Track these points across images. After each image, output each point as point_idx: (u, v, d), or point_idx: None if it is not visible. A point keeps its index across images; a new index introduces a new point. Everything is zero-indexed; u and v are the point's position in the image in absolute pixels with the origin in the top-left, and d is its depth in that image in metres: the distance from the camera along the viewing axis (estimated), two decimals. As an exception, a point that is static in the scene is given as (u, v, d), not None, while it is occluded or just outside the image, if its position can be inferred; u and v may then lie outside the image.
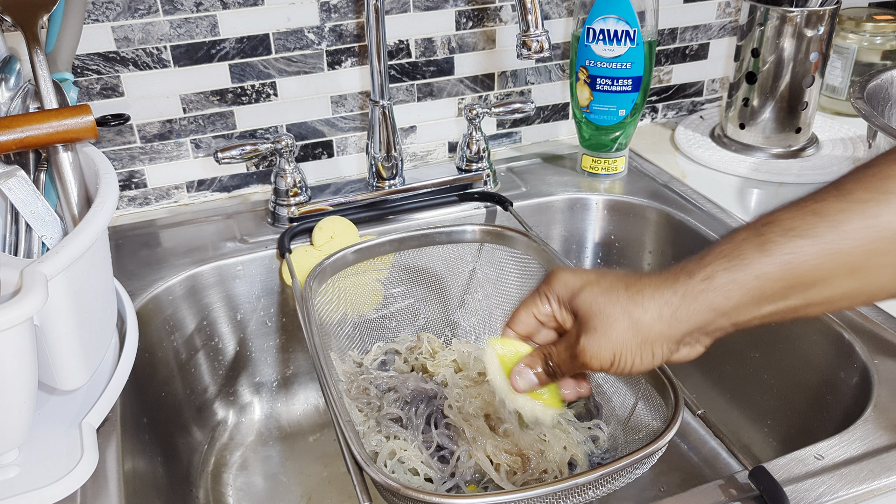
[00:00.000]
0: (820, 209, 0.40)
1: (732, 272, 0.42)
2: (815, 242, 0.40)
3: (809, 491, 0.49)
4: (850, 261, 0.40)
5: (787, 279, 0.41)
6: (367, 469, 0.49)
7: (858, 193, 0.39)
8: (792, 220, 0.40)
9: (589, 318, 0.46)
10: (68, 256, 0.46)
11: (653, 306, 0.44)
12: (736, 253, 0.42)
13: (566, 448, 0.61)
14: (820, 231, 0.40)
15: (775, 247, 0.40)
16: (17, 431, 0.47)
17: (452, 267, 0.78)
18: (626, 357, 0.45)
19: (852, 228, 0.39)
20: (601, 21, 0.83)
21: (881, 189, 0.39)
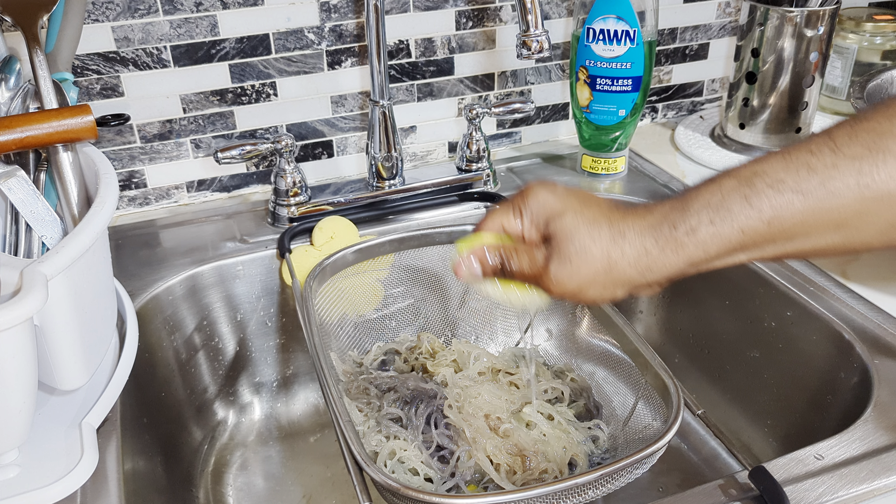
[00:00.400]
0: (812, 163, 0.39)
1: (717, 225, 0.41)
2: (805, 198, 0.39)
3: (809, 491, 0.49)
4: (837, 217, 0.39)
5: (771, 233, 0.40)
6: (367, 469, 0.49)
7: (852, 149, 0.38)
8: (783, 173, 0.39)
9: (565, 246, 0.44)
10: (68, 256, 0.46)
11: (631, 252, 0.43)
12: (722, 204, 0.41)
13: (566, 448, 0.61)
14: (810, 187, 0.39)
15: (763, 200, 0.40)
16: (17, 431, 0.47)
17: (452, 267, 0.78)
18: (589, 292, 0.44)
19: (844, 186, 0.38)
20: (601, 21, 0.83)
21: (875, 146, 0.38)
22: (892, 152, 0.38)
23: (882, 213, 0.39)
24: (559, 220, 0.45)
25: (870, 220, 0.39)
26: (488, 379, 0.68)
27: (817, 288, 0.69)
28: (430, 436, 0.61)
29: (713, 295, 0.78)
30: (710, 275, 0.78)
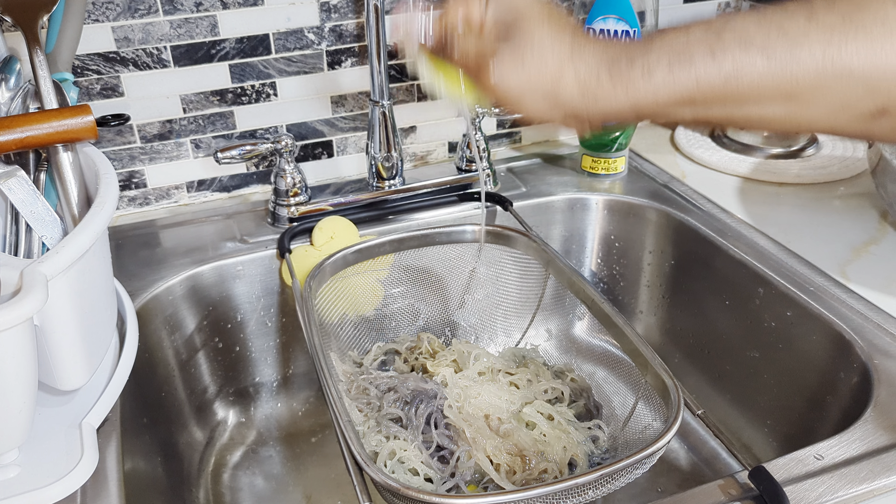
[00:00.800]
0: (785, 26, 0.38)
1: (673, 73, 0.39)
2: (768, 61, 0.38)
3: (809, 491, 0.49)
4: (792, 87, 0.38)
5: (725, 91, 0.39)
6: (367, 469, 0.49)
7: (827, 17, 0.37)
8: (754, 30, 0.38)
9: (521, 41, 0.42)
10: (68, 256, 0.46)
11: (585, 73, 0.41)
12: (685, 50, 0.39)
13: (566, 448, 0.61)
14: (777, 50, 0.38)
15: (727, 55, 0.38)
16: (17, 431, 0.47)
17: (452, 267, 0.78)
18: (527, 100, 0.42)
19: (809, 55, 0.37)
20: (601, 21, 0.83)
21: (850, 18, 0.37)
22: (864, 28, 0.36)
23: (836, 92, 0.38)
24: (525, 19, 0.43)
25: (823, 96, 0.38)
26: (488, 379, 0.68)
27: (817, 288, 0.69)
28: (430, 436, 0.61)
29: (713, 295, 0.78)
30: (710, 275, 0.78)
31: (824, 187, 0.87)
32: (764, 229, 0.78)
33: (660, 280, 0.86)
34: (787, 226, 0.79)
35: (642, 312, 0.89)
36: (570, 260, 0.90)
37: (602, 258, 0.90)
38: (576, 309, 0.80)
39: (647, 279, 0.87)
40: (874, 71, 0.36)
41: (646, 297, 0.88)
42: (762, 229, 0.78)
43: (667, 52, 0.40)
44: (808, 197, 0.85)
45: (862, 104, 0.38)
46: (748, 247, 0.76)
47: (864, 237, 0.76)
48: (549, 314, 0.78)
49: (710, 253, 0.78)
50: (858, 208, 0.82)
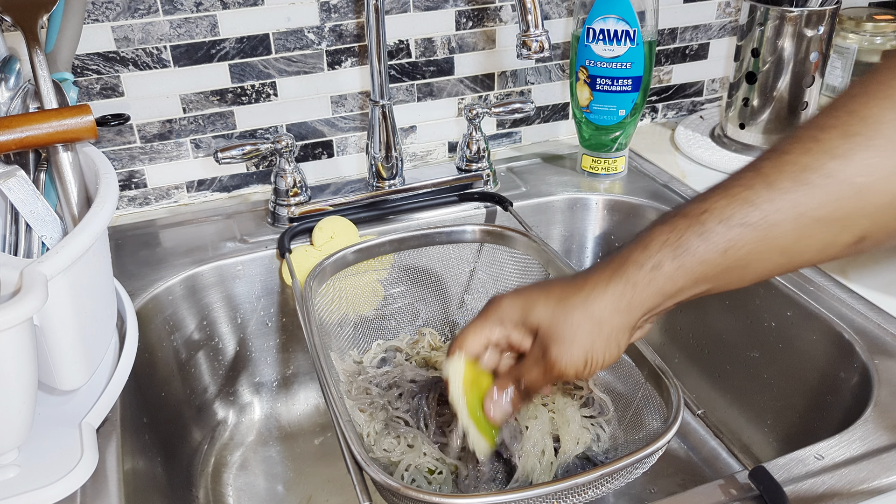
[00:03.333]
0: (751, 198, 0.43)
1: (679, 260, 0.45)
2: (751, 230, 0.43)
3: (809, 491, 0.49)
4: (781, 243, 0.43)
5: (727, 263, 0.44)
6: (367, 469, 0.49)
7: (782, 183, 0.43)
8: (728, 210, 0.44)
9: (553, 329, 0.48)
10: (68, 256, 0.46)
11: (609, 300, 0.47)
12: (680, 243, 0.45)
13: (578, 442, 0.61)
14: (753, 220, 0.43)
15: (716, 236, 0.44)
16: (16, 431, 0.47)
17: (452, 267, 0.78)
18: (597, 356, 0.48)
19: (781, 218, 0.43)
20: (601, 21, 0.83)
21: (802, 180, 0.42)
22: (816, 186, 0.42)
23: (817, 236, 0.43)
24: (534, 311, 0.49)
25: (809, 242, 0.44)
26: None
27: (817, 288, 0.69)
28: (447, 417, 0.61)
29: (713, 295, 0.78)
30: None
31: (824, 187, 0.86)
32: (764, 229, 0.78)
33: (660, 280, 0.86)
34: (787, 226, 0.79)
35: (642, 312, 0.89)
36: (570, 260, 0.90)
37: (602, 258, 0.90)
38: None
39: (647, 279, 0.87)
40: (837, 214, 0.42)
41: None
42: (762, 229, 0.78)
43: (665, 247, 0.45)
44: (808, 197, 0.85)
45: (842, 238, 0.43)
46: (748, 247, 0.76)
47: (864, 237, 0.76)
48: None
49: (710, 253, 0.78)
50: (858, 208, 0.82)
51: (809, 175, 0.42)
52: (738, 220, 0.43)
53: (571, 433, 0.61)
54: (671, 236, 0.45)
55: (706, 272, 0.45)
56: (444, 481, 0.59)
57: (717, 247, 0.44)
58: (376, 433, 0.62)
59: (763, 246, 0.44)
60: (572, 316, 0.47)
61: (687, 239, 0.45)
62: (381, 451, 0.60)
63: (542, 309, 0.49)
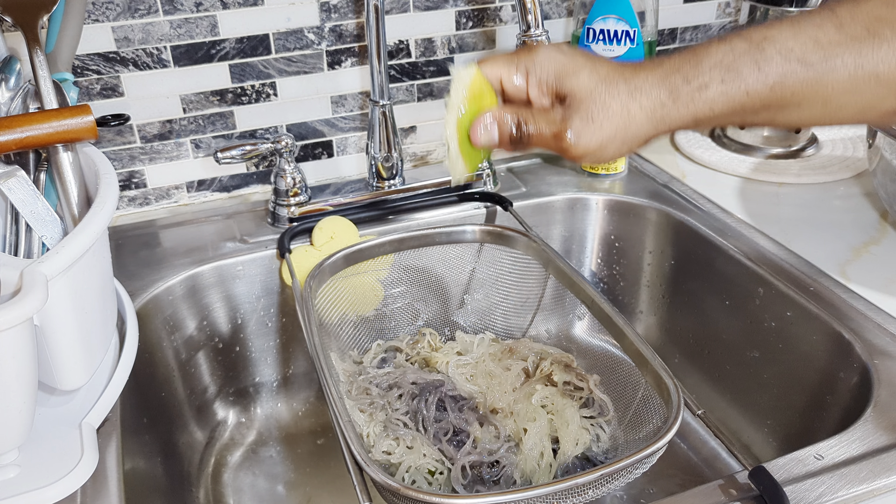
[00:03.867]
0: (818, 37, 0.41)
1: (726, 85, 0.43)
2: (807, 70, 0.42)
3: (809, 491, 0.49)
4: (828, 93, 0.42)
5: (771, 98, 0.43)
6: (367, 469, 0.49)
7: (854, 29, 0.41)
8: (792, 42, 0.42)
9: (585, 104, 0.45)
10: (68, 256, 0.46)
11: (648, 105, 0.45)
12: (733, 65, 0.43)
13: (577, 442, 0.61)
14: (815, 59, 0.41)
15: (771, 65, 0.42)
16: (16, 431, 0.47)
17: (452, 267, 0.78)
18: (609, 148, 0.46)
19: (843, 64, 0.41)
20: (601, 21, 0.83)
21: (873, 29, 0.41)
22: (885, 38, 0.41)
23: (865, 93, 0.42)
24: (574, 77, 0.46)
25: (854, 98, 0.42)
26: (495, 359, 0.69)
27: (817, 288, 0.69)
28: (445, 423, 0.61)
29: (713, 295, 0.78)
30: (710, 275, 0.78)
31: (824, 187, 0.86)
32: (764, 229, 0.78)
33: (660, 280, 0.86)
34: (787, 226, 0.79)
35: (642, 312, 0.89)
36: (570, 260, 0.90)
37: (602, 258, 0.90)
38: (576, 309, 0.80)
39: (647, 279, 0.87)
40: None
41: (646, 297, 0.88)
42: (762, 229, 0.78)
43: (717, 67, 0.43)
44: (808, 197, 0.85)
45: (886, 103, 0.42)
46: (748, 247, 0.76)
47: (864, 237, 0.76)
48: (549, 314, 0.78)
49: (710, 253, 0.78)
50: (858, 208, 0.82)
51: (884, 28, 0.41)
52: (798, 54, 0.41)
53: (570, 434, 0.62)
54: (726, 57, 0.43)
55: (745, 104, 0.43)
56: (444, 482, 0.59)
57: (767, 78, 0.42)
58: (376, 434, 0.62)
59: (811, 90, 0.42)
60: (611, 103, 0.45)
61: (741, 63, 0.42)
62: (381, 453, 0.60)
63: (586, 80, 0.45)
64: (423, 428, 0.62)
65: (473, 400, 0.65)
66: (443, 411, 0.63)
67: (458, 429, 0.61)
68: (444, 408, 0.63)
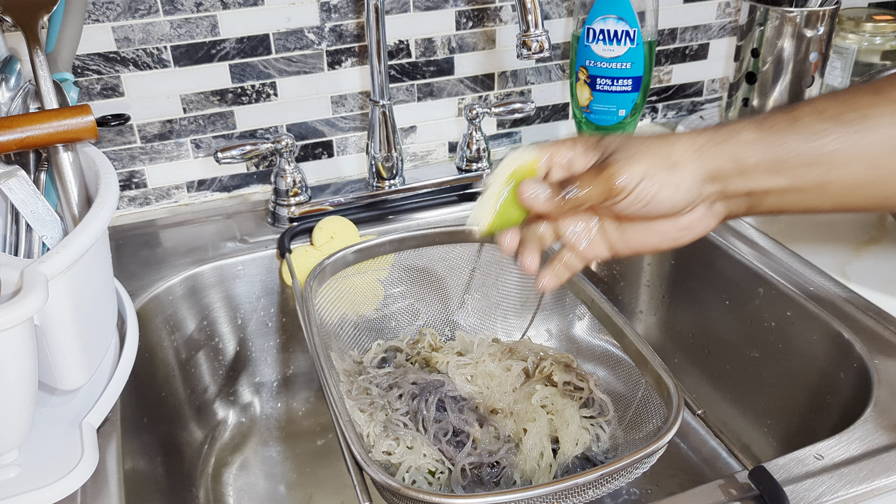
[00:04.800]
0: (853, 100, 0.42)
1: (759, 132, 0.43)
2: (844, 128, 0.41)
3: (809, 491, 0.49)
4: (872, 152, 0.41)
5: (809, 155, 0.42)
6: (367, 469, 0.49)
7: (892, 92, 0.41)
8: (824, 104, 0.42)
9: (622, 146, 0.46)
10: (68, 256, 0.46)
11: (682, 140, 0.45)
12: (766, 121, 0.43)
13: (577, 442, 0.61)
14: (850, 118, 0.41)
15: (804, 123, 0.42)
16: (17, 431, 0.47)
17: (453, 267, 0.78)
18: (655, 180, 0.44)
19: (881, 124, 0.40)
20: (601, 21, 0.83)
21: None
22: None
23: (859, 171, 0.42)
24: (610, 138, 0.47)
25: None
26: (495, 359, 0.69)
27: (817, 288, 0.69)
28: (445, 423, 0.61)
29: (713, 295, 0.78)
30: (710, 275, 0.78)
31: (824, 187, 0.86)
32: (764, 229, 0.78)
33: (660, 280, 0.86)
34: (787, 226, 0.79)
35: (642, 312, 0.89)
36: (570, 260, 0.90)
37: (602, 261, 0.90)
38: (576, 309, 0.80)
39: (647, 279, 0.87)
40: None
41: (646, 297, 0.88)
42: (762, 229, 0.78)
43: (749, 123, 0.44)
44: (808, 197, 0.85)
45: None
46: (748, 247, 0.76)
47: (864, 237, 0.76)
48: (549, 314, 0.78)
49: (710, 253, 0.78)
50: (858, 208, 0.82)
51: None
52: (832, 114, 0.41)
53: (570, 434, 0.62)
54: (757, 118, 0.44)
55: (783, 158, 0.42)
56: (445, 483, 0.59)
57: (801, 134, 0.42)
58: (376, 434, 0.62)
59: (853, 150, 0.41)
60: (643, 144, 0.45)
61: (774, 120, 0.43)
62: (381, 453, 0.60)
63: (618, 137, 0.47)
64: (423, 428, 0.62)
65: (473, 400, 0.65)
66: (443, 412, 0.63)
67: (457, 429, 0.61)
68: (444, 408, 0.63)
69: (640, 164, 0.44)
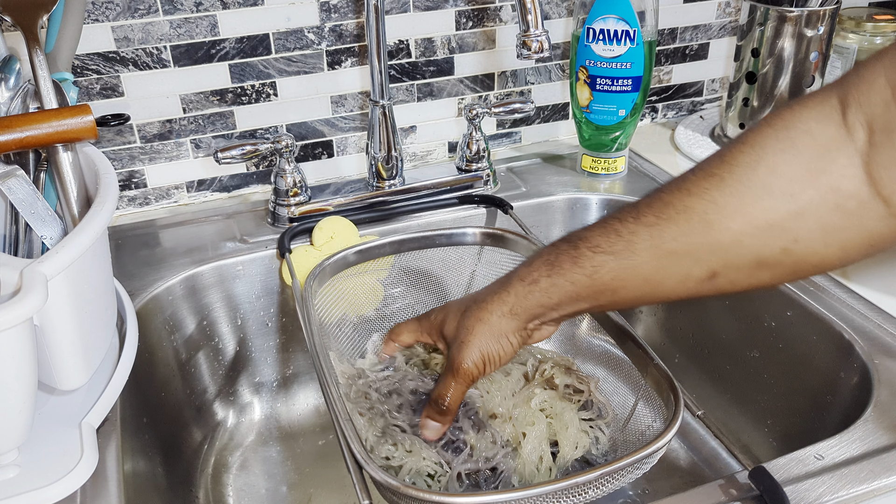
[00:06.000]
0: (619, 230, 0.48)
1: (552, 278, 0.51)
2: (615, 258, 0.48)
3: (809, 491, 0.49)
4: (642, 272, 0.48)
5: (595, 286, 0.49)
6: (367, 468, 0.49)
7: (647, 217, 0.48)
8: (599, 238, 0.49)
9: (455, 335, 0.56)
10: (68, 256, 0.46)
11: (496, 308, 0.54)
12: (556, 262, 0.51)
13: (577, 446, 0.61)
14: (618, 248, 0.48)
15: (585, 260, 0.49)
16: (16, 431, 0.47)
17: (453, 269, 0.78)
18: (492, 352, 0.54)
19: (642, 248, 0.47)
20: (601, 21, 0.83)
21: (662, 215, 0.47)
22: (672, 220, 0.46)
23: (673, 268, 0.47)
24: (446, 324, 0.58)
25: (666, 273, 0.47)
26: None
27: (817, 288, 0.69)
28: None
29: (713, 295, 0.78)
30: (710, 275, 0.78)
31: (824, 187, 0.86)
32: (764, 229, 0.78)
33: (660, 280, 0.86)
34: (787, 226, 0.79)
35: (642, 312, 0.89)
36: (570, 260, 0.90)
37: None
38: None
39: (647, 279, 0.87)
40: (687, 248, 0.46)
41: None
42: (762, 229, 0.78)
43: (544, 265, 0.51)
44: (808, 197, 0.85)
45: (696, 272, 0.47)
46: (748, 247, 0.75)
47: (864, 237, 0.76)
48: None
49: (710, 253, 0.78)
50: (858, 208, 0.82)
51: (669, 210, 0.47)
52: (605, 247, 0.48)
53: (570, 437, 0.61)
54: (550, 257, 0.51)
55: (577, 291, 0.50)
56: (445, 485, 0.59)
57: (584, 270, 0.49)
58: (375, 438, 0.62)
59: (626, 273, 0.48)
60: (468, 321, 0.54)
61: (562, 260, 0.50)
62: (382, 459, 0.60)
63: (451, 322, 0.57)
64: None
65: (473, 405, 0.64)
66: None
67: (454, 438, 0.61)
68: None
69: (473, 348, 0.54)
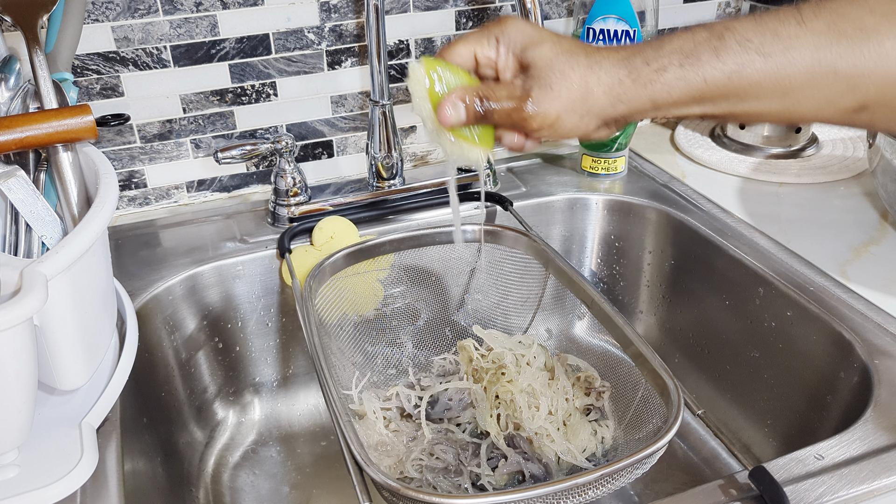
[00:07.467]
0: (778, 30, 0.42)
1: (684, 70, 0.44)
2: (765, 60, 0.42)
3: (809, 491, 0.49)
4: (788, 85, 0.43)
5: (728, 87, 0.43)
6: (367, 469, 0.49)
7: (814, 24, 0.42)
8: (752, 33, 0.43)
9: (546, 73, 0.46)
10: (68, 256, 0.46)
11: (607, 80, 0.45)
12: (693, 51, 0.44)
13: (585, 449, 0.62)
14: (773, 50, 0.42)
15: (729, 54, 0.43)
16: (16, 431, 0.47)
17: (453, 267, 0.78)
18: (566, 122, 0.46)
19: (800, 56, 0.42)
20: (601, 21, 0.83)
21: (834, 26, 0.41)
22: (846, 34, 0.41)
23: (823, 88, 0.42)
24: (538, 48, 0.47)
25: (812, 92, 0.43)
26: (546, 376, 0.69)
27: (817, 288, 0.69)
28: None
29: (713, 295, 0.78)
30: (710, 275, 0.78)
31: (824, 187, 0.87)
32: (764, 229, 0.78)
33: (660, 280, 0.86)
34: (787, 226, 0.79)
35: (642, 312, 0.89)
36: (570, 260, 0.90)
37: (602, 258, 0.90)
38: (576, 309, 0.80)
39: (647, 279, 0.87)
40: (855, 71, 0.41)
41: (646, 296, 0.88)
42: (762, 229, 0.78)
43: (677, 52, 0.44)
44: (808, 197, 0.85)
45: (845, 100, 0.42)
46: (748, 247, 0.76)
47: (864, 237, 0.76)
48: (549, 314, 0.78)
49: (710, 253, 0.78)
50: (858, 208, 0.82)
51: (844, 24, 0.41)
52: (757, 45, 0.42)
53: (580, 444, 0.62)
54: (686, 44, 0.44)
55: (704, 92, 0.44)
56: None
57: (725, 66, 0.43)
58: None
59: (769, 81, 0.43)
60: (570, 73, 0.45)
61: (701, 50, 0.44)
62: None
63: (549, 50, 0.46)
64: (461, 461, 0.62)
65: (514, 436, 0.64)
66: None
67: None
68: None
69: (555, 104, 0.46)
